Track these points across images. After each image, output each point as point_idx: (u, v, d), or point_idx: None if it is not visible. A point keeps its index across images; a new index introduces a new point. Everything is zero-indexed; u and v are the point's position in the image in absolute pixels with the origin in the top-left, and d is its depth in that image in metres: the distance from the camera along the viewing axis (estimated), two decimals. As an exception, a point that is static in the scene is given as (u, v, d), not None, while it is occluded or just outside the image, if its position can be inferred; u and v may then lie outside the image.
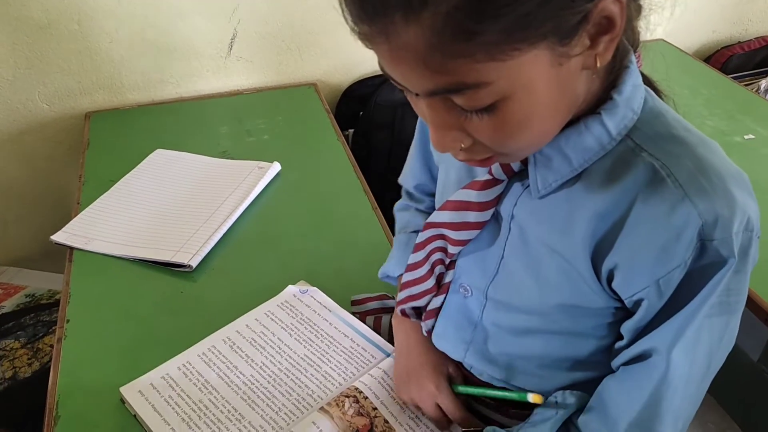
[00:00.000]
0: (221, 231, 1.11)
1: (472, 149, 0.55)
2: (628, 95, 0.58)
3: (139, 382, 0.85)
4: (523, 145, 0.55)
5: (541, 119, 0.53)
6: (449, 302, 0.76)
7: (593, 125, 0.58)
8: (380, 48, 0.48)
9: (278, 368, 0.88)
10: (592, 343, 0.67)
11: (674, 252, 0.55)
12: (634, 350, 0.61)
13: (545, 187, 0.61)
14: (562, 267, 0.62)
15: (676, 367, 0.59)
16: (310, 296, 0.98)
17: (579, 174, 0.60)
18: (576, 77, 0.53)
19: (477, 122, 0.52)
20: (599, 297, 0.62)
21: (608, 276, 0.60)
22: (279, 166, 1.28)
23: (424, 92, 0.50)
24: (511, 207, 0.65)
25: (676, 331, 0.58)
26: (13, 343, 1.27)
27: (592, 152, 0.59)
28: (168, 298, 1.01)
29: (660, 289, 0.57)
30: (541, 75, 0.49)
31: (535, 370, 0.71)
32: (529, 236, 0.65)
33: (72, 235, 1.11)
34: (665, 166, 0.55)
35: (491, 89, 0.48)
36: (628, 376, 0.62)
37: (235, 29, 1.52)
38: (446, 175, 0.77)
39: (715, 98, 1.54)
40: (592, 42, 0.50)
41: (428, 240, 0.73)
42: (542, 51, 0.47)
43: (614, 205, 0.57)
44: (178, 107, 1.54)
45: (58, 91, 1.48)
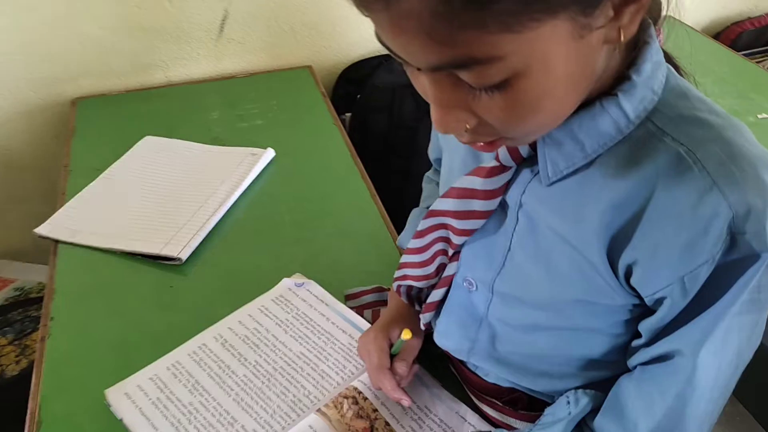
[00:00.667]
0: (212, 222, 1.06)
1: (478, 130, 0.50)
2: (648, 74, 0.52)
3: (126, 384, 0.81)
4: (534, 127, 0.50)
5: (556, 99, 0.47)
6: (452, 297, 0.71)
7: (609, 107, 0.52)
8: (379, 16, 0.43)
9: (273, 367, 0.83)
10: (607, 341, 0.62)
11: (701, 247, 0.50)
12: (655, 350, 0.57)
13: (556, 174, 0.56)
14: (574, 259, 0.57)
15: (704, 370, 0.54)
16: (306, 290, 0.94)
17: (593, 160, 0.55)
18: (597, 52, 0.47)
19: (486, 101, 0.46)
20: (616, 293, 0.57)
21: (626, 271, 0.55)
22: (273, 152, 1.22)
23: (427, 67, 0.44)
24: (519, 195, 0.60)
25: (703, 331, 0.53)
26: (0, 339, 1.22)
27: (608, 137, 0.53)
28: (157, 292, 0.96)
29: (685, 286, 0.52)
30: (559, 49, 0.43)
31: (545, 369, 0.66)
32: (539, 226, 0.60)
33: (56, 227, 1.06)
34: (691, 152, 0.50)
35: (504, 64, 0.43)
36: (648, 378, 0.58)
37: (226, 10, 1.46)
38: (451, 160, 0.71)
39: (727, 77, 1.48)
40: (616, 13, 0.44)
41: (430, 229, 0.68)
42: (562, 22, 0.42)
43: (632, 194, 0.52)
44: (167, 92, 1.47)
45: (43, 77, 1.42)
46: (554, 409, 0.65)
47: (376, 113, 1.50)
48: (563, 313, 0.61)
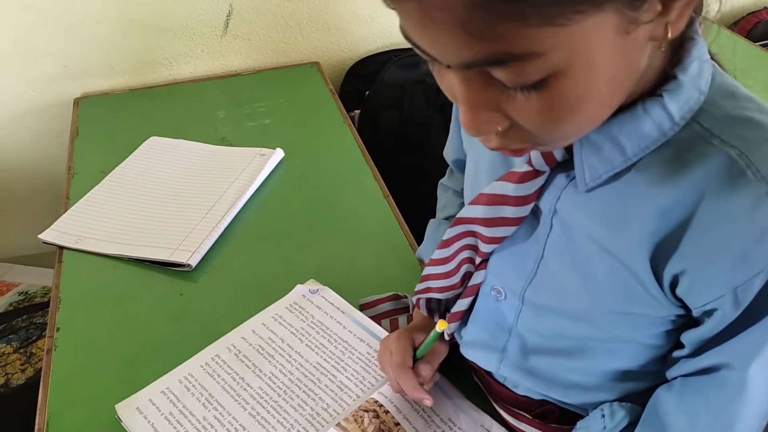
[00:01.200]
0: (222, 226, 1.02)
1: (509, 135, 0.46)
2: (695, 73, 0.49)
3: (137, 398, 0.78)
4: (571, 130, 0.47)
5: (597, 100, 0.44)
6: (479, 306, 0.68)
7: (653, 109, 0.49)
8: (408, 7, 0.39)
9: (289, 379, 0.80)
10: (645, 352, 0.59)
11: (756, 256, 0.47)
12: (700, 362, 0.54)
13: (594, 179, 0.52)
14: (614, 269, 0.54)
15: (754, 385, 0.51)
16: (321, 296, 0.90)
17: (633, 164, 0.51)
18: (642, 50, 0.44)
19: (521, 101, 0.42)
20: (660, 304, 0.54)
21: (672, 281, 0.52)
22: (282, 152, 1.19)
23: (459, 64, 0.41)
24: (553, 201, 0.57)
25: (754, 345, 0.50)
26: (5, 347, 1.19)
27: (651, 139, 0.50)
28: (166, 301, 0.93)
29: (737, 298, 0.49)
30: (604, 45, 0.40)
31: (578, 381, 0.63)
32: (575, 234, 0.56)
33: (61, 234, 1.03)
34: (743, 154, 0.47)
35: (543, 61, 0.39)
36: (691, 391, 0.55)
37: (231, 5, 1.42)
38: (476, 164, 0.68)
39: (747, 69, 1.43)
40: (665, 7, 0.41)
41: (457, 237, 0.65)
42: (609, 15, 0.38)
43: (679, 200, 0.49)
44: (172, 91, 1.44)
45: (44, 77, 1.39)
46: (588, 422, 0.62)
47: (386, 110, 1.46)
48: (600, 324, 0.58)
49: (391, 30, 1.53)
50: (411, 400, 0.75)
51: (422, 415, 0.75)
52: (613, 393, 0.62)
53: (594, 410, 0.63)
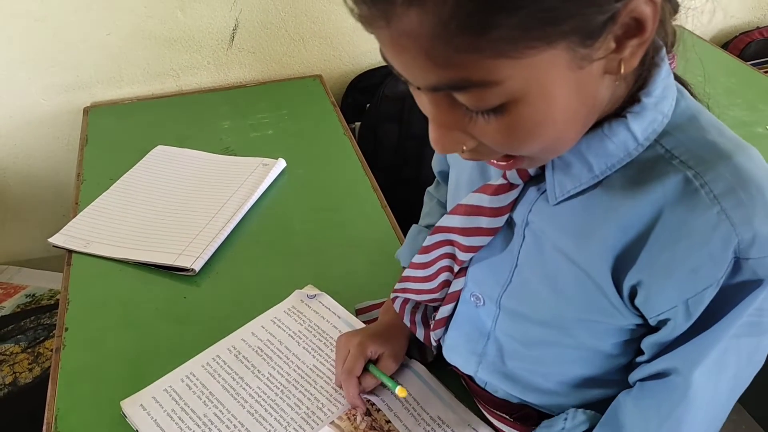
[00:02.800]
0: (225, 232, 1.06)
1: (479, 150, 0.50)
2: (658, 97, 0.52)
3: (141, 396, 0.81)
4: (534, 151, 0.50)
5: (554, 126, 0.48)
6: (459, 312, 0.72)
7: (618, 129, 0.52)
8: (381, 33, 0.44)
9: (286, 379, 0.84)
10: (612, 360, 0.63)
11: (706, 271, 0.50)
12: (653, 367, 0.57)
13: (562, 194, 0.56)
14: (579, 278, 0.58)
15: (698, 390, 0.55)
16: (318, 301, 0.94)
17: (600, 181, 0.55)
18: (597, 82, 0.47)
19: (482, 124, 0.47)
20: (621, 313, 0.57)
21: (631, 292, 0.55)
22: (284, 162, 1.23)
23: (426, 86, 0.45)
24: (525, 213, 0.61)
25: (700, 351, 0.54)
26: (13, 347, 1.23)
27: (616, 158, 0.53)
28: (171, 303, 0.97)
29: (688, 309, 0.52)
30: (557, 77, 0.44)
31: (551, 386, 0.67)
32: (545, 244, 0.60)
33: (70, 238, 1.07)
34: (699, 175, 0.50)
35: (500, 89, 0.43)
36: (645, 395, 0.59)
37: (237, 19, 1.47)
38: (458, 176, 0.72)
39: (735, 87, 1.49)
40: (618, 45, 0.45)
41: (436, 245, 0.69)
42: (561, 51, 0.42)
43: (639, 216, 0.53)
44: (178, 101, 1.49)
45: (55, 86, 1.44)
46: (550, 422, 0.66)
47: (387, 123, 1.51)
48: (568, 331, 0.62)
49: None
50: (402, 400, 0.79)
51: (412, 413, 0.78)
52: (583, 398, 0.66)
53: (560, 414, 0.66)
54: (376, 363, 0.80)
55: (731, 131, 0.55)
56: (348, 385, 0.78)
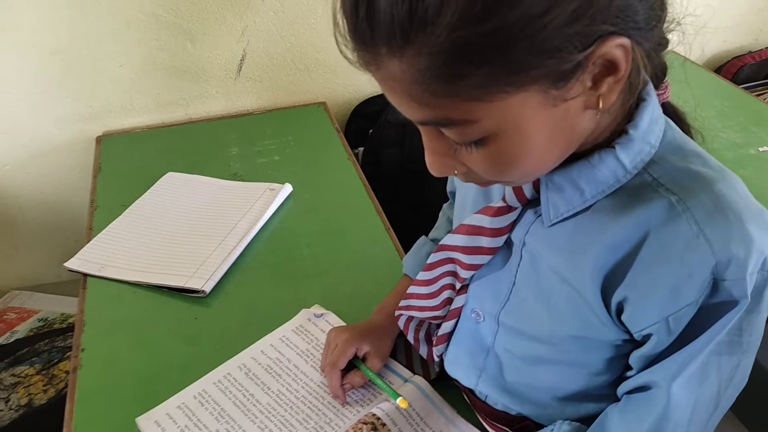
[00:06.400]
0: (234, 255, 1.10)
1: (469, 175, 0.55)
2: (644, 129, 0.57)
3: (156, 412, 0.85)
4: (517, 177, 0.56)
5: (531, 157, 0.52)
6: (461, 328, 0.75)
7: (607, 159, 0.57)
8: (373, 74, 0.50)
9: (295, 396, 0.87)
10: (603, 376, 0.65)
11: (686, 290, 0.53)
12: (637, 380, 0.60)
13: (556, 216, 0.60)
14: (571, 297, 0.61)
15: (677, 403, 0.57)
16: (325, 320, 0.98)
17: (591, 205, 0.59)
18: (577, 116, 0.51)
19: (467, 154, 0.52)
20: (608, 329, 0.61)
21: (617, 309, 0.59)
22: (290, 187, 1.27)
23: (415, 120, 0.51)
24: (523, 234, 0.65)
25: (679, 366, 0.57)
26: (27, 369, 1.27)
27: (606, 185, 0.58)
28: (182, 324, 1.00)
29: (669, 326, 0.55)
30: (532, 116, 0.48)
31: (547, 401, 0.70)
32: (540, 264, 0.64)
33: (85, 262, 1.11)
34: (682, 201, 0.54)
35: (478, 126, 0.48)
36: (629, 407, 0.62)
37: (244, 50, 1.52)
38: (463, 198, 0.76)
39: (728, 110, 1.53)
40: (595, 83, 0.49)
41: (439, 263, 0.73)
42: (533, 93, 0.47)
43: (626, 238, 0.56)
44: (188, 129, 1.54)
45: (68, 116, 1.49)
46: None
47: (389, 148, 1.55)
48: (561, 348, 0.65)
49: (393, 73, 1.63)
50: (406, 415, 0.82)
51: (415, 428, 0.81)
52: (577, 413, 0.68)
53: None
54: (363, 361, 0.86)
55: (715, 160, 0.59)
56: (331, 377, 0.85)
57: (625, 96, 0.54)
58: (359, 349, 0.86)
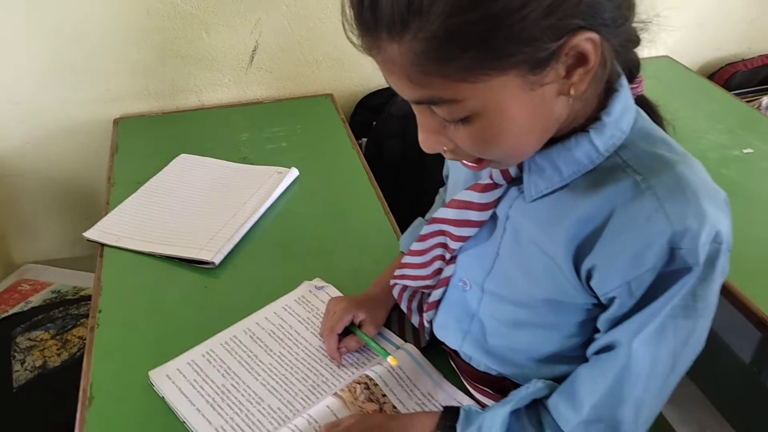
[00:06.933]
0: (242, 231, 1.18)
1: (457, 152, 0.63)
2: (616, 116, 0.64)
3: (167, 367, 0.92)
4: (500, 156, 0.63)
5: (513, 136, 0.59)
6: (449, 295, 0.82)
7: (582, 142, 0.64)
8: (375, 58, 0.57)
9: (295, 358, 0.94)
10: (576, 339, 0.72)
11: (646, 257, 0.60)
12: (602, 340, 0.67)
13: (537, 193, 0.68)
14: (547, 265, 0.68)
15: (637, 358, 0.64)
16: (325, 292, 1.05)
17: (568, 183, 0.66)
18: (552, 102, 0.59)
19: (454, 131, 0.59)
20: (578, 293, 0.68)
21: (587, 275, 0.66)
22: (297, 171, 1.35)
23: (410, 99, 0.59)
24: (507, 209, 0.72)
25: (639, 325, 0.63)
26: (43, 334, 1.34)
27: (581, 165, 0.65)
28: (193, 292, 1.08)
29: (631, 289, 0.62)
30: (511, 98, 0.56)
31: (524, 362, 0.77)
32: (522, 236, 0.71)
33: (103, 233, 1.18)
34: (646, 180, 0.61)
35: (464, 105, 0.56)
36: (596, 365, 0.68)
37: (257, 41, 1.60)
38: (456, 177, 0.84)
39: (716, 113, 1.60)
40: (567, 73, 0.56)
41: (431, 234, 0.80)
42: (512, 77, 0.54)
43: (597, 212, 0.63)
44: (201, 115, 1.61)
45: (88, 98, 1.56)
46: (517, 390, 0.75)
47: (391, 139, 1.63)
48: (537, 311, 0.72)
49: (398, 68, 1.70)
50: (397, 377, 0.89)
51: (405, 389, 0.88)
52: (551, 373, 0.75)
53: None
54: (359, 327, 0.94)
55: (680, 146, 0.66)
56: (328, 340, 0.93)
57: (596, 85, 0.62)
58: (355, 317, 0.93)
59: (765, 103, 1.76)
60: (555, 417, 0.70)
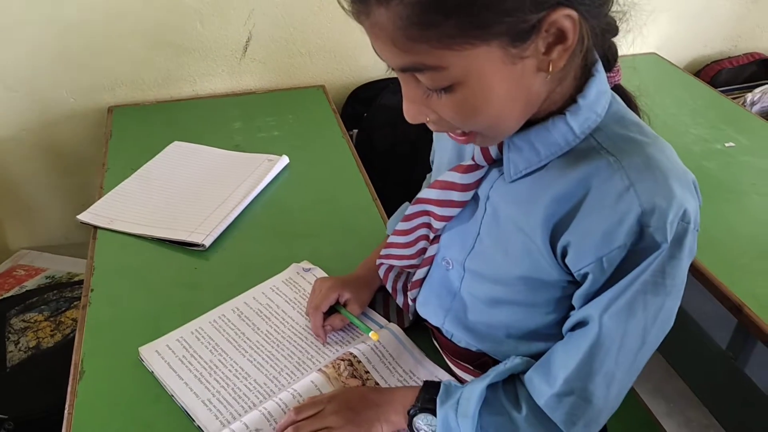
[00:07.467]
0: (233, 215, 1.20)
1: (440, 123, 0.65)
2: (591, 100, 0.67)
3: (156, 344, 0.95)
4: (481, 126, 0.64)
5: (493, 107, 0.62)
6: (433, 274, 0.85)
7: (559, 124, 0.67)
8: (364, 24, 0.59)
9: (281, 336, 0.97)
10: (552, 316, 0.75)
11: (617, 234, 0.63)
12: (576, 316, 0.70)
13: (516, 173, 0.70)
14: (525, 243, 0.71)
15: (608, 332, 0.67)
16: (313, 274, 1.08)
17: (545, 164, 0.69)
18: (531, 77, 0.61)
19: (437, 100, 0.62)
20: (554, 270, 0.70)
21: (562, 252, 0.68)
22: (287, 159, 1.37)
23: (395, 67, 0.61)
24: (487, 189, 0.75)
25: (609, 300, 0.66)
26: (37, 315, 1.37)
27: (558, 147, 0.68)
28: (183, 273, 1.10)
29: (603, 265, 0.65)
30: (493, 69, 0.58)
31: (503, 339, 0.79)
32: (501, 216, 0.74)
33: (96, 215, 1.21)
34: (618, 161, 0.64)
35: (447, 73, 0.58)
36: (569, 340, 0.71)
37: (250, 32, 1.62)
38: (440, 159, 0.87)
39: (701, 109, 1.63)
40: (547, 49, 0.59)
41: (415, 214, 0.83)
42: (494, 48, 0.57)
43: (572, 192, 0.66)
44: (194, 104, 1.64)
45: (83, 87, 1.59)
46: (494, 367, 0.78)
47: (381, 130, 1.65)
48: (514, 288, 0.75)
49: (390, 61, 1.73)
50: (380, 355, 0.92)
51: (388, 366, 0.91)
52: (528, 350, 0.78)
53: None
54: (345, 306, 0.96)
55: (651, 130, 0.69)
56: (314, 317, 0.96)
57: (573, 65, 0.64)
58: (341, 296, 0.96)
59: (750, 99, 1.79)
60: (530, 390, 0.73)
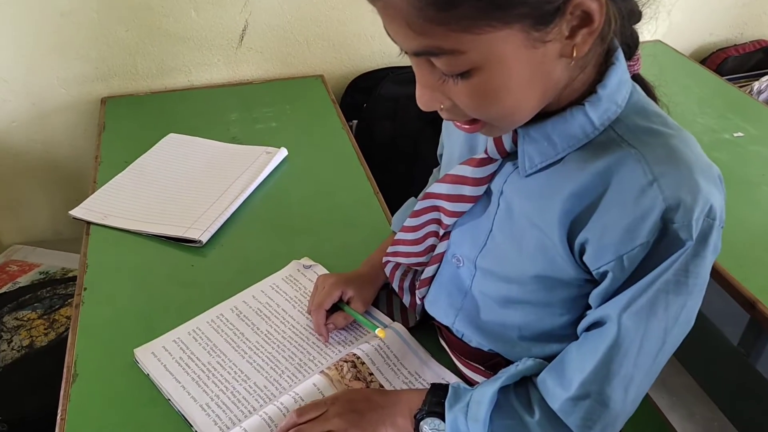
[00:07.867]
0: (231, 210, 1.17)
1: (453, 110, 0.61)
2: (612, 90, 0.63)
3: (152, 345, 0.91)
4: (497, 115, 0.61)
5: (512, 94, 0.58)
6: (443, 271, 0.82)
7: (577, 114, 0.63)
8: (377, 5, 0.55)
9: (282, 336, 0.94)
10: (567, 316, 0.72)
11: (639, 231, 0.60)
12: (593, 315, 0.66)
13: (531, 167, 0.67)
14: (540, 240, 0.68)
15: (627, 332, 0.63)
16: (313, 271, 1.04)
17: (562, 157, 0.65)
18: (553, 63, 0.58)
19: (453, 86, 0.58)
20: (571, 268, 0.67)
21: (580, 250, 0.65)
22: (286, 151, 1.34)
23: (410, 51, 0.57)
24: (501, 184, 0.71)
25: (628, 299, 0.63)
26: (30, 313, 1.33)
27: (576, 139, 0.64)
28: (179, 270, 1.07)
29: (623, 263, 0.62)
30: (514, 53, 0.55)
31: (516, 340, 0.76)
32: (515, 211, 0.70)
33: (89, 211, 1.17)
34: (640, 153, 0.61)
35: (465, 57, 0.54)
36: (585, 342, 0.68)
37: (247, 21, 1.58)
38: (450, 152, 0.83)
39: (708, 97, 1.60)
40: (571, 33, 0.55)
41: (425, 210, 0.80)
42: (516, 32, 0.53)
43: (591, 187, 0.63)
44: (189, 95, 1.60)
45: (75, 77, 1.54)
46: (506, 369, 0.75)
47: (381, 121, 1.62)
48: (528, 287, 0.71)
49: (389, 49, 1.69)
50: (384, 356, 0.89)
51: (392, 368, 0.88)
52: (542, 352, 0.75)
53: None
54: (348, 304, 0.93)
55: (674, 121, 0.65)
56: (316, 315, 0.92)
57: (596, 52, 0.61)
58: (344, 293, 0.93)
59: (757, 87, 1.75)
60: (543, 393, 0.70)
